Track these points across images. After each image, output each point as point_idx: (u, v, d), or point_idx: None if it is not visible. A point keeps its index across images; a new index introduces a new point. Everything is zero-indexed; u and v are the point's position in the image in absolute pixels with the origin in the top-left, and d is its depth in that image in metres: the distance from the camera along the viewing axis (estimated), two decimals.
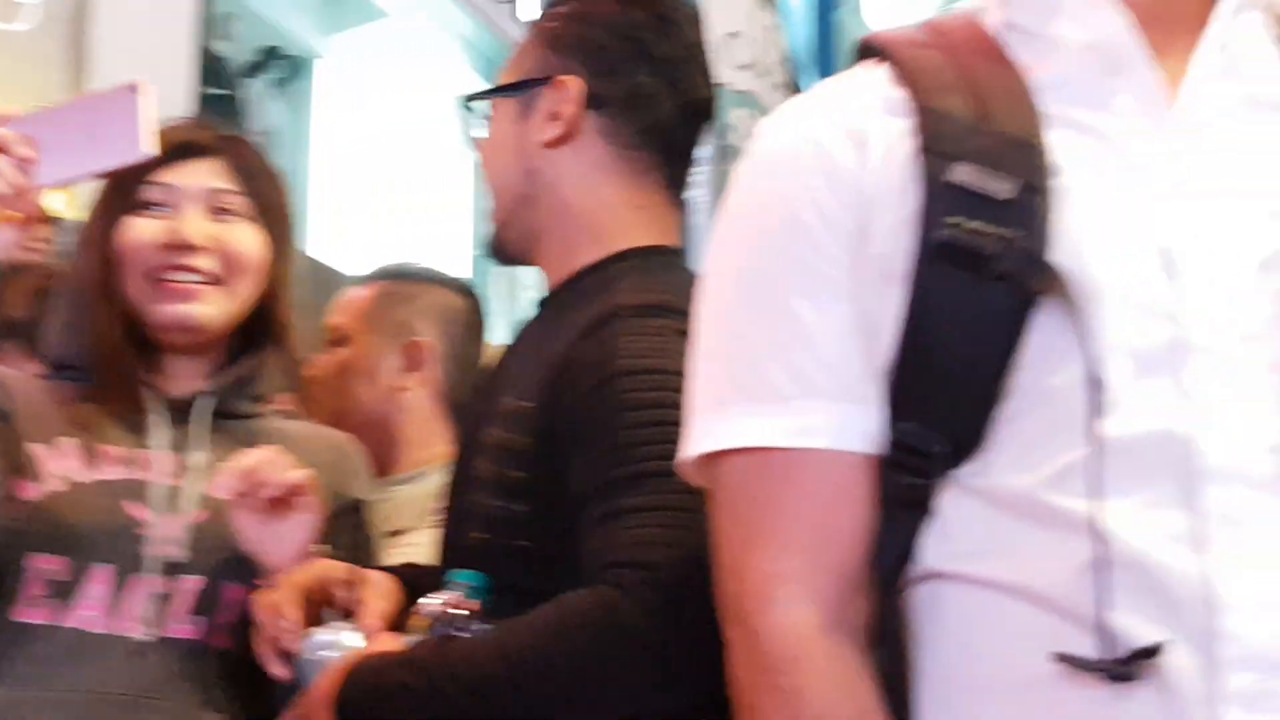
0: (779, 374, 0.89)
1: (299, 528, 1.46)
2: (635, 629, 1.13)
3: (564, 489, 1.27)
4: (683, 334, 1.22)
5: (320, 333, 2.05)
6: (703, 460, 0.93)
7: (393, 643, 1.32)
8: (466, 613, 1.30)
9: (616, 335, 1.28)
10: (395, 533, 1.80)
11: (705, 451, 0.92)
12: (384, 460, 1.90)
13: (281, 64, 4.90)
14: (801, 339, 0.90)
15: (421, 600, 1.34)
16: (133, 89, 1.43)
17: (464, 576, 1.32)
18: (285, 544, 1.46)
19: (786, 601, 0.87)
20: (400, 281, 2.07)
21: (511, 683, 1.18)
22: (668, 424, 1.03)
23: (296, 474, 1.45)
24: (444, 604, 1.30)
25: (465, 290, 2.11)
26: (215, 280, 1.57)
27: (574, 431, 1.27)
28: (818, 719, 0.85)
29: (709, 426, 0.92)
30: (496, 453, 1.34)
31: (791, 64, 4.40)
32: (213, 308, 1.57)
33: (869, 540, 0.88)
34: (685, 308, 1.29)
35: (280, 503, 1.45)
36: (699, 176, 1.56)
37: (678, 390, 1.00)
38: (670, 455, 0.97)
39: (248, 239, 1.59)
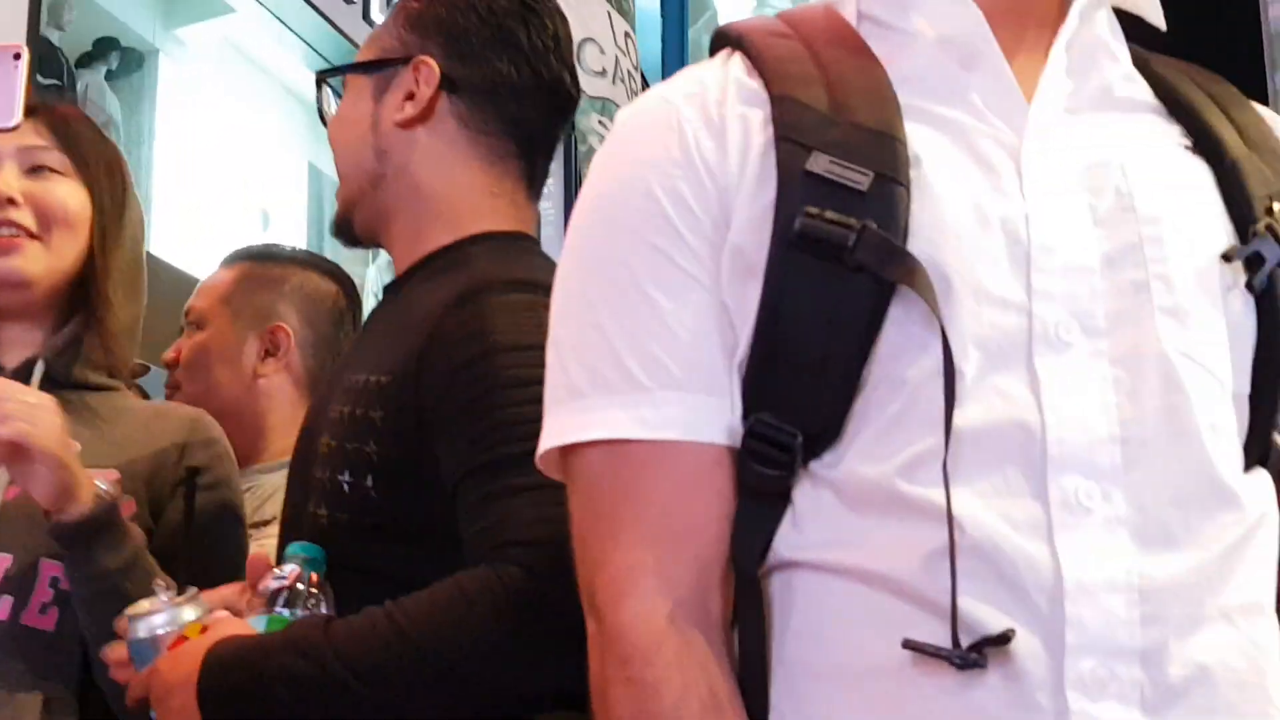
0: (636, 366, 0.89)
1: (28, 478, 1.38)
2: (541, 608, 1.12)
3: (422, 464, 1.24)
4: (549, 309, 1.21)
5: (163, 331, 1.98)
6: (561, 452, 0.92)
7: (236, 624, 1.27)
8: (310, 590, 1.25)
9: (487, 309, 1.26)
10: (259, 524, 1.75)
11: (563, 444, 0.91)
12: (246, 449, 1.85)
13: (119, 56, 4.74)
14: (659, 331, 0.89)
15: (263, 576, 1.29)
16: (16, 54, 1.37)
17: (300, 549, 1.28)
18: (30, 487, 1.38)
19: (641, 595, 0.86)
20: (264, 263, 2.02)
21: (416, 668, 1.15)
22: None
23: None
24: (284, 580, 1.26)
25: (335, 274, 2.06)
26: (34, 235, 1.53)
27: (446, 406, 1.24)
28: (669, 711, 0.84)
29: (566, 419, 0.91)
30: (345, 428, 1.31)
31: (644, 75, 4.41)
32: (34, 263, 1.53)
33: (727, 531, 0.88)
34: (550, 284, 1.28)
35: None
36: (551, 184, 1.55)
37: None
38: None
39: (66, 193, 1.56)
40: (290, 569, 1.28)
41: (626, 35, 3.76)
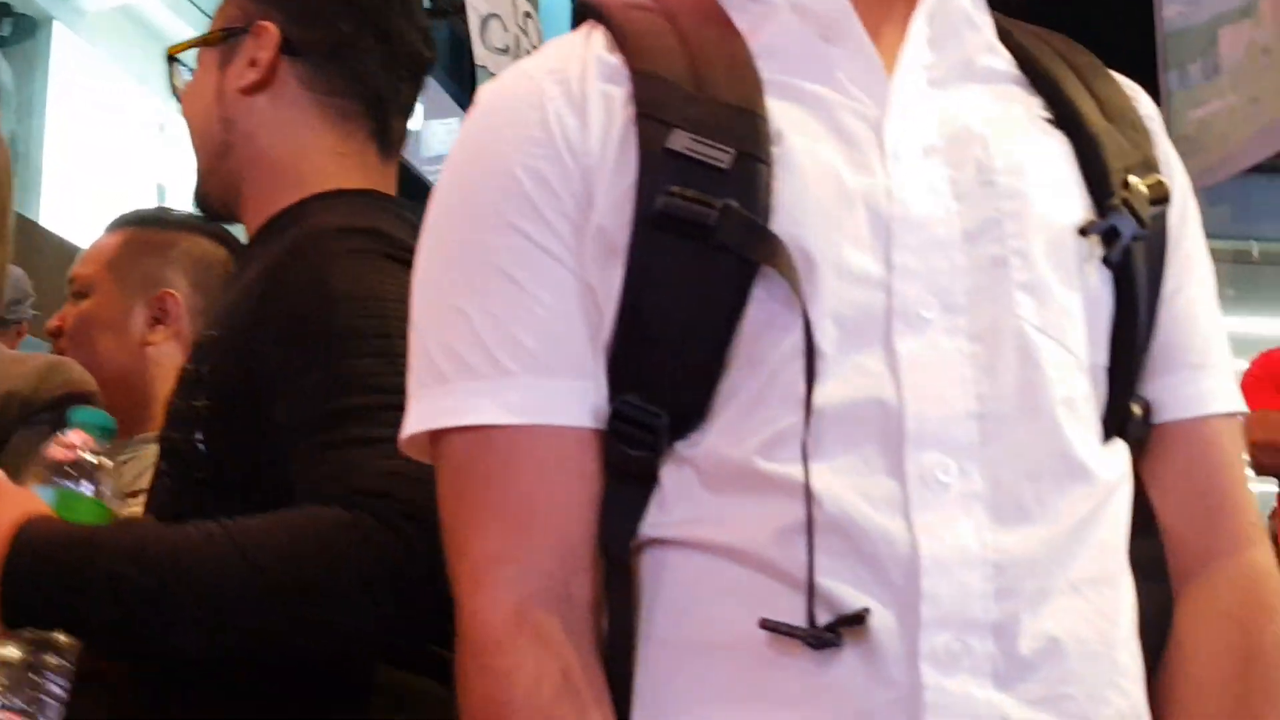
0: (499, 350, 0.87)
1: None
2: (393, 562, 1.10)
3: (255, 417, 1.23)
4: (390, 258, 1.20)
5: (51, 306, 1.95)
6: (426, 437, 0.91)
7: (20, 494, 1.21)
8: (98, 461, 1.21)
9: (324, 258, 1.26)
10: (138, 492, 1.72)
11: (427, 430, 0.90)
12: (133, 418, 1.81)
13: (13, 22, 4.64)
14: (522, 314, 0.88)
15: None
16: None
17: (85, 416, 1.26)
18: None
19: (496, 583, 0.86)
20: (151, 228, 1.97)
21: (259, 595, 1.12)
22: (394, 355, 1.01)
23: None
24: (68, 447, 1.21)
25: (224, 239, 2.02)
26: None
27: (285, 359, 1.23)
28: (519, 699, 0.84)
29: (431, 404, 0.90)
30: (180, 386, 1.32)
31: None
32: None
33: (593, 513, 0.87)
34: (392, 234, 1.25)
35: None
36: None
37: (398, 318, 0.97)
38: (400, 389, 0.93)
39: None
40: (76, 436, 1.23)
41: (527, 15, 3.75)
